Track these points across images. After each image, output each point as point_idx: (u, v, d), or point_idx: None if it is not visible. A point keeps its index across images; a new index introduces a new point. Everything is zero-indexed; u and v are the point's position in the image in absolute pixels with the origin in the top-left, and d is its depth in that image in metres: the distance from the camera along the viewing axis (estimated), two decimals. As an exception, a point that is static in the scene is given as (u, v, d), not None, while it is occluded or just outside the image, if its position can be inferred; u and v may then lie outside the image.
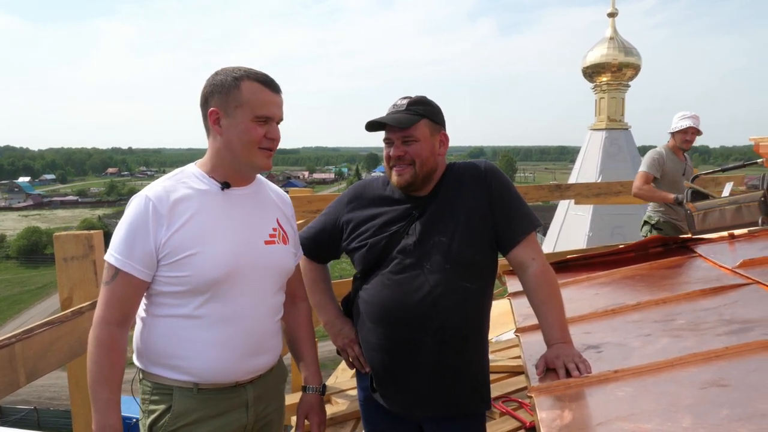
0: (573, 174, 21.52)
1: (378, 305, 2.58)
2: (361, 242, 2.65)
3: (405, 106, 2.56)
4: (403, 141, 2.53)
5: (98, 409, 2.18)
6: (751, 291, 2.89)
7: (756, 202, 5.24)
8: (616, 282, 3.61)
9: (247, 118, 2.26)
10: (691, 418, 1.75)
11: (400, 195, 2.66)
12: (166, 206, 2.23)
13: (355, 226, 2.69)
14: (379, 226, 2.62)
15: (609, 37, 20.16)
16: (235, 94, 2.25)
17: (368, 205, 2.71)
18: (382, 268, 2.60)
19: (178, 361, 2.28)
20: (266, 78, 2.32)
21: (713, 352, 2.19)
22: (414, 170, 2.54)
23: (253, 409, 2.43)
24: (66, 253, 3.00)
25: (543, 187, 8.01)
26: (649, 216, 7.00)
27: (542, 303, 2.51)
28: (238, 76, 2.27)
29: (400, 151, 2.53)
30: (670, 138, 6.89)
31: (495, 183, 2.60)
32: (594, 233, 18.99)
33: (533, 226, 2.60)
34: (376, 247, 2.60)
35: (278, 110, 2.34)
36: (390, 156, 2.56)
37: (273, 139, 2.33)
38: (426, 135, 2.56)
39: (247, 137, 2.27)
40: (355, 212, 2.72)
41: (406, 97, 2.61)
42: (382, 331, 2.58)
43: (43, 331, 2.52)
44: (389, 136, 2.56)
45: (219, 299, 2.28)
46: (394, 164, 2.56)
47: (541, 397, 2.09)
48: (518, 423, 4.32)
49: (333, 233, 2.77)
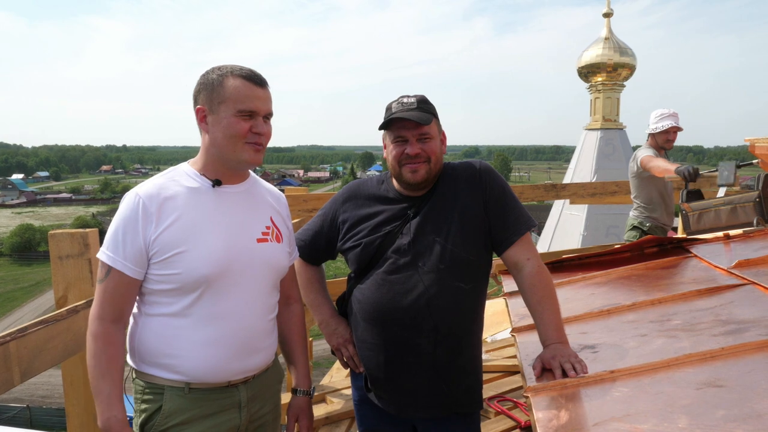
0: (568, 174, 21.57)
1: (372, 305, 2.57)
2: (355, 242, 2.64)
3: (416, 104, 2.55)
4: (418, 138, 2.53)
5: (101, 403, 2.19)
6: (747, 291, 2.89)
7: (751, 203, 5.25)
8: (611, 282, 3.61)
9: (229, 114, 2.27)
10: (687, 418, 1.75)
11: (396, 194, 2.66)
12: (156, 204, 2.24)
13: (351, 225, 2.69)
14: (374, 226, 2.62)
15: (604, 37, 20.21)
16: (219, 90, 2.27)
17: (363, 205, 2.71)
18: (376, 268, 2.60)
19: (170, 360, 2.28)
20: (250, 73, 2.33)
21: (709, 353, 2.19)
22: (429, 167, 2.55)
23: (246, 409, 2.42)
24: (61, 252, 2.99)
25: (538, 186, 8.01)
26: (640, 222, 6.77)
27: (538, 303, 2.51)
28: (222, 73, 2.29)
29: (417, 149, 2.53)
30: (649, 138, 6.68)
31: (490, 183, 2.60)
32: (589, 233, 19.04)
33: (528, 226, 2.61)
34: (371, 246, 2.59)
35: (263, 104, 2.33)
36: (406, 153, 2.54)
37: (259, 134, 2.33)
38: (436, 133, 2.59)
39: (231, 132, 2.28)
40: (350, 212, 2.72)
41: (407, 95, 2.60)
42: (376, 330, 2.58)
43: (37, 330, 2.51)
44: (404, 133, 2.54)
45: (210, 297, 2.28)
46: (408, 161, 2.54)
47: (537, 397, 2.10)
48: (513, 422, 4.33)
49: (329, 234, 2.77)
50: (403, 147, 2.55)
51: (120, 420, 2.20)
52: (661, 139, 6.56)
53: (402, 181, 2.60)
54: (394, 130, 2.56)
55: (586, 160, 20.56)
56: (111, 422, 2.18)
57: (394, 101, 2.61)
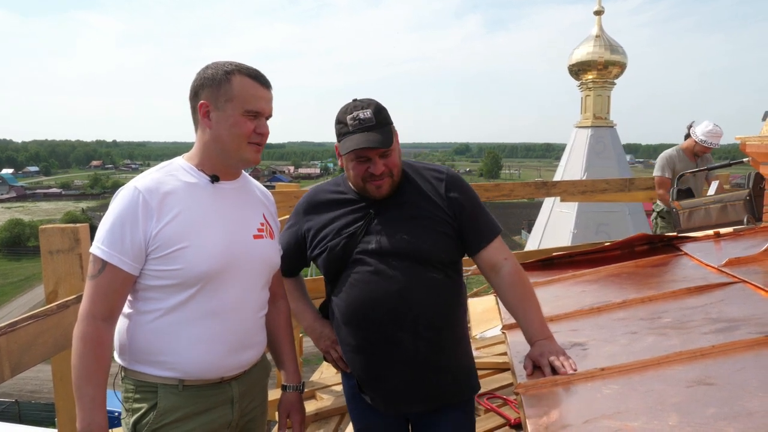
0: (558, 171, 21.59)
1: (348, 307, 2.57)
2: (322, 248, 2.63)
3: (374, 120, 2.48)
4: (381, 155, 2.49)
5: (83, 406, 2.14)
6: (737, 290, 2.91)
7: (741, 201, 5.27)
8: (602, 280, 3.62)
9: (237, 112, 2.25)
10: (677, 416, 1.76)
11: (354, 195, 2.64)
12: (156, 199, 2.21)
13: (315, 233, 2.68)
14: (337, 230, 2.61)
15: (595, 35, 20.22)
16: (226, 87, 2.25)
17: (324, 210, 2.69)
18: (347, 270, 2.59)
19: (163, 357, 2.25)
20: (257, 73, 2.32)
21: (699, 351, 2.20)
22: (392, 180, 2.54)
23: (238, 405, 2.42)
24: (52, 246, 2.98)
25: (529, 184, 8.02)
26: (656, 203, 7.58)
27: (520, 301, 2.52)
28: (229, 70, 2.27)
29: (381, 167, 2.49)
30: (690, 139, 7.39)
31: (457, 193, 2.60)
32: (579, 230, 19.08)
33: (498, 230, 2.65)
34: (336, 249, 2.58)
35: (267, 105, 2.34)
36: (370, 173, 2.50)
37: (262, 134, 2.33)
38: (396, 143, 2.55)
39: (237, 131, 2.27)
40: (313, 220, 2.71)
41: (360, 106, 2.52)
42: (356, 332, 2.58)
43: (27, 325, 2.50)
44: (367, 154, 2.49)
45: (207, 293, 2.27)
46: (372, 179, 2.51)
47: (527, 395, 2.10)
48: (503, 420, 4.34)
49: (298, 245, 2.77)
50: (366, 165, 2.51)
51: (101, 426, 2.16)
52: (699, 148, 7.35)
53: (366, 194, 2.59)
54: (361, 152, 2.49)
55: (576, 158, 20.57)
56: (92, 428, 2.13)
57: (348, 115, 2.51)
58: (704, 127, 7.22)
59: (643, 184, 8.41)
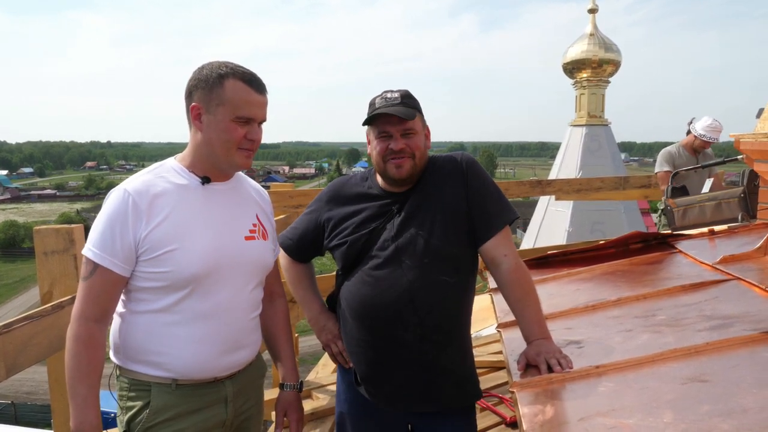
0: (553, 170, 21.59)
1: (357, 302, 2.57)
2: (341, 240, 2.63)
3: (400, 99, 2.53)
4: (402, 134, 2.52)
5: (76, 406, 2.15)
6: (732, 287, 2.91)
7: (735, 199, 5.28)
8: (596, 278, 3.62)
9: (227, 118, 2.24)
10: (672, 413, 1.76)
11: (380, 191, 2.65)
12: (146, 201, 2.20)
13: (336, 224, 2.68)
14: (358, 223, 2.61)
15: (589, 34, 20.22)
16: (218, 91, 2.23)
17: (347, 203, 2.70)
18: (362, 265, 2.59)
19: (157, 357, 2.26)
20: (252, 77, 2.29)
21: (694, 348, 2.21)
22: (413, 162, 2.54)
23: (232, 404, 2.42)
24: (46, 247, 2.98)
25: (524, 182, 8.02)
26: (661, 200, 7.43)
27: (519, 300, 2.52)
28: (222, 73, 2.25)
29: (401, 144, 2.51)
30: (690, 134, 7.42)
31: (471, 175, 2.60)
32: (574, 229, 19.07)
33: (509, 217, 2.60)
34: (356, 244, 2.59)
35: (260, 111, 2.32)
36: (389, 149, 2.52)
37: (253, 140, 2.32)
38: (420, 128, 2.58)
39: (226, 137, 2.26)
40: (334, 210, 2.71)
41: (390, 90, 2.58)
42: (362, 327, 2.58)
43: (23, 326, 2.50)
44: (388, 129, 2.52)
45: (198, 295, 2.27)
46: (393, 157, 2.53)
47: (523, 393, 2.10)
48: (499, 418, 4.34)
49: (315, 232, 2.76)
50: (387, 142, 2.53)
51: (94, 426, 2.17)
52: (698, 144, 7.42)
53: (387, 176, 2.59)
54: (378, 126, 2.54)
55: (571, 157, 20.57)
56: (84, 427, 2.15)
57: (377, 96, 2.58)
58: (704, 122, 7.27)
59: (637, 182, 8.42)
